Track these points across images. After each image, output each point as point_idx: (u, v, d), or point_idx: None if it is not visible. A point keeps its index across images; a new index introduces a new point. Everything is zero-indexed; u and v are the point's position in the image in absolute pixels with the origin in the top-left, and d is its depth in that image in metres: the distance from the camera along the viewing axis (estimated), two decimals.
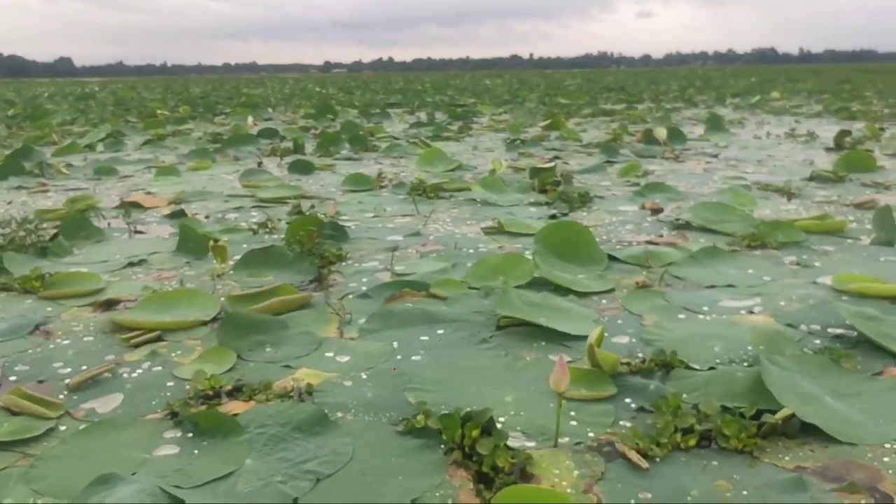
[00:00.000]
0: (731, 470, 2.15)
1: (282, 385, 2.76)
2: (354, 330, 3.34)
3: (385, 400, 2.63)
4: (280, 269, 4.28)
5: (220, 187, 7.43)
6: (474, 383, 2.75)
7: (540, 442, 2.33)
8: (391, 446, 2.31)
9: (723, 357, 2.93)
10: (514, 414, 2.52)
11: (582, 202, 6.12)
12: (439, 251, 4.69)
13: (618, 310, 3.56)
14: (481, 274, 4.05)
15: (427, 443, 2.32)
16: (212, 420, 2.40)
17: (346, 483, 2.11)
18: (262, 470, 2.18)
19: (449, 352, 3.06)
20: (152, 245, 5.02)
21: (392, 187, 7.15)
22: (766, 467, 2.17)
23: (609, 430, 2.41)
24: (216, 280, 4.12)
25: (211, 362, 2.97)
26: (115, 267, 4.48)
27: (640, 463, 2.17)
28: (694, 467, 2.17)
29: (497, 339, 3.19)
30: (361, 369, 2.91)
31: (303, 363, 2.98)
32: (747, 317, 3.40)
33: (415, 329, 3.32)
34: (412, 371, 2.87)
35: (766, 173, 7.73)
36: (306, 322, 3.43)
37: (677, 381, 2.71)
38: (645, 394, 2.63)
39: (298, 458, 2.23)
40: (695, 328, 3.26)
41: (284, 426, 2.39)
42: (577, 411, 2.52)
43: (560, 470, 2.17)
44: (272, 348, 3.15)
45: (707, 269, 4.17)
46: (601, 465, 2.19)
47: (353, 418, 2.50)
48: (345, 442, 2.32)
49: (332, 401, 2.63)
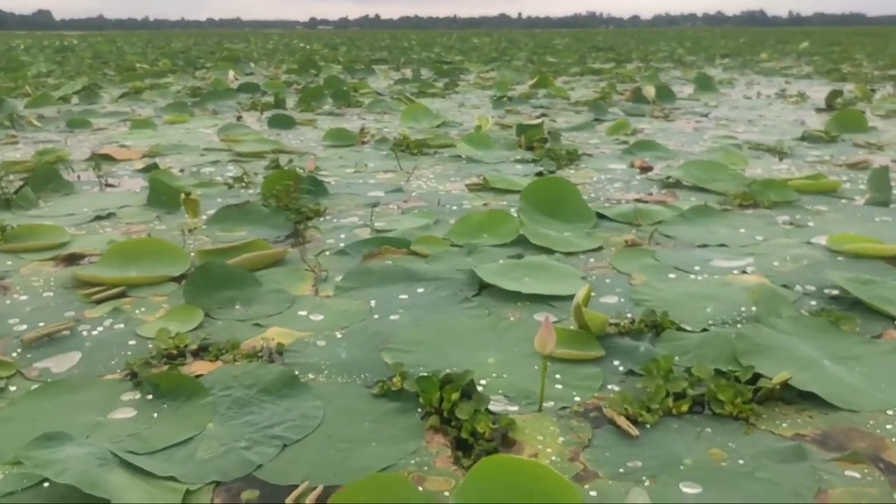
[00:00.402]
0: (726, 437, 2.02)
1: (251, 344, 2.61)
2: (330, 288, 3.18)
3: (360, 361, 2.48)
4: (255, 224, 4.09)
5: (196, 141, 7.19)
6: (455, 344, 2.60)
7: (523, 406, 2.20)
8: (365, 410, 2.16)
9: (716, 318, 2.80)
10: (496, 376, 2.37)
11: (570, 160, 5.95)
12: (422, 208, 4.52)
13: (606, 269, 3.42)
14: (464, 231, 3.89)
15: (403, 407, 2.17)
16: (173, 381, 2.24)
17: (315, 449, 1.97)
18: (225, 435, 2.03)
19: (429, 311, 2.91)
20: (122, 198, 4.82)
21: (374, 143, 6.94)
22: (763, 435, 2.04)
23: (596, 394, 2.27)
24: (187, 235, 3.93)
25: (177, 320, 2.81)
26: (82, 220, 4.28)
27: (630, 430, 2.04)
28: (687, 434, 2.04)
29: (480, 299, 3.05)
30: (336, 328, 2.75)
31: (274, 322, 2.82)
32: (740, 277, 3.27)
33: (394, 287, 3.16)
34: (390, 331, 2.72)
35: (756, 133, 7.58)
36: (280, 279, 3.26)
37: (668, 343, 2.57)
38: (634, 356, 2.49)
39: (265, 423, 2.08)
40: (686, 288, 3.12)
41: (251, 388, 2.24)
42: (563, 374, 2.38)
43: (544, 436, 2.03)
44: (242, 306, 2.98)
45: (698, 227, 4.03)
46: (588, 432, 2.06)
47: (325, 380, 2.35)
48: (315, 405, 2.17)
49: (303, 361, 2.48)
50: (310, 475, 1.85)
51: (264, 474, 1.87)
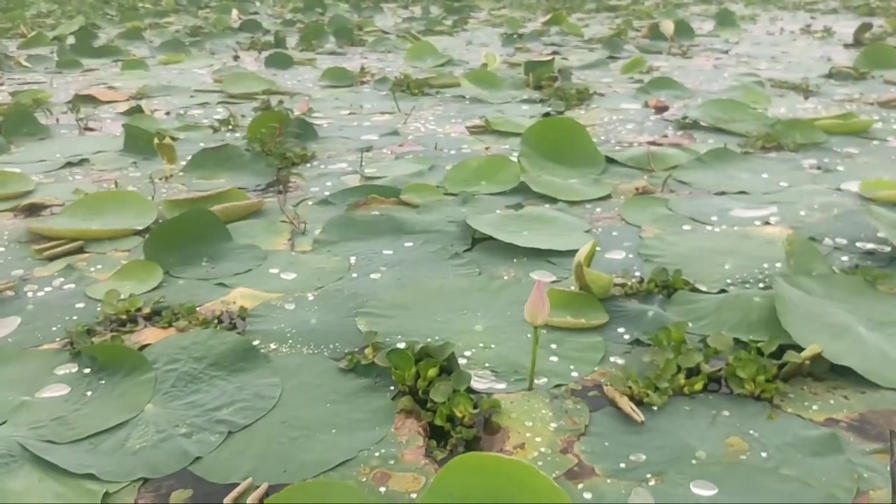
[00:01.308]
0: (747, 423, 1.73)
1: (210, 308, 2.33)
2: (308, 242, 2.88)
3: (331, 327, 2.20)
4: (235, 171, 3.79)
5: (188, 82, 6.84)
6: (440, 308, 2.31)
7: (512, 383, 1.91)
8: (329, 388, 1.89)
9: (735, 277, 2.48)
10: (483, 347, 2.08)
11: (580, 99, 5.56)
12: (417, 152, 4.19)
13: (613, 220, 3.09)
14: (460, 178, 3.57)
15: (373, 384, 1.89)
16: (112, 353, 1.97)
17: (265, 437, 1.69)
18: (164, 419, 1.76)
19: (414, 269, 2.61)
20: (100, 143, 4.51)
21: (374, 83, 6.56)
22: (790, 420, 1.75)
23: (597, 368, 1.98)
24: (159, 184, 3.64)
25: (133, 279, 2.53)
26: (52, 167, 3.99)
27: (634, 414, 1.75)
28: (700, 419, 1.75)
29: (471, 254, 2.74)
30: (309, 289, 2.47)
31: (241, 281, 2.54)
32: (763, 228, 2.94)
33: (378, 241, 2.86)
34: (368, 292, 2.43)
35: (780, 70, 7.11)
36: (254, 232, 2.97)
37: (681, 307, 2.27)
38: (642, 322, 2.19)
39: (211, 404, 1.81)
40: (702, 242, 2.80)
41: (200, 361, 1.96)
42: (560, 344, 2.09)
43: (534, 421, 1.75)
44: (209, 262, 2.70)
45: (716, 173, 3.68)
46: (585, 416, 1.77)
47: (288, 351, 2.07)
48: (272, 383, 1.89)
49: (266, 328, 2.19)
50: (254, 471, 1.58)
51: (202, 469, 1.60)
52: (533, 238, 2.80)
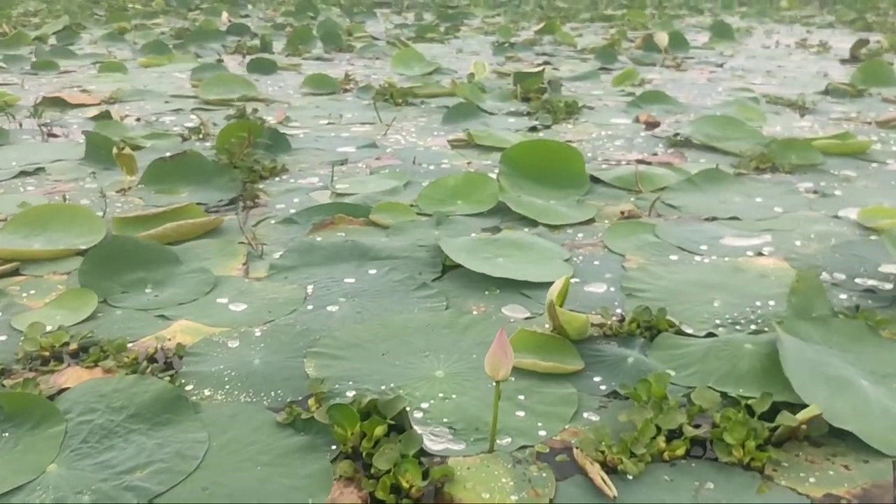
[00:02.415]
0: (735, 497, 1.52)
1: (144, 345, 2.11)
2: (264, 267, 2.66)
3: (275, 370, 1.98)
4: (198, 184, 3.56)
5: (165, 86, 6.61)
6: (400, 348, 2.09)
7: (472, 444, 1.69)
8: (263, 446, 1.66)
9: (724, 317, 2.27)
10: (443, 398, 1.86)
11: (568, 112, 5.36)
12: (394, 167, 3.98)
13: (596, 247, 2.88)
14: (436, 197, 3.36)
15: (312, 443, 1.67)
16: (19, 401, 1.75)
17: None
18: (67, 482, 1.54)
19: (376, 301, 2.40)
20: (61, 151, 4.28)
21: (357, 91, 6.35)
22: (784, 494, 1.53)
23: (568, 425, 1.77)
24: (115, 197, 3.41)
25: (66, 308, 2.31)
26: (5, 176, 3.76)
27: (605, 488, 1.53)
28: (682, 492, 1.54)
29: (440, 284, 2.53)
30: (257, 323, 2.25)
31: (185, 312, 2.32)
32: (755, 260, 2.73)
33: (340, 268, 2.64)
34: (323, 327, 2.21)
35: (776, 85, 6.94)
36: (207, 254, 2.75)
37: (664, 353, 2.06)
38: (620, 370, 1.98)
39: (125, 465, 1.58)
40: (690, 274, 2.59)
41: (119, 412, 1.74)
42: (528, 395, 1.87)
43: (492, 493, 1.53)
44: (153, 289, 2.47)
45: (707, 196, 3.48)
46: (551, 486, 1.55)
47: (223, 399, 1.85)
48: (197, 439, 1.67)
49: (203, 370, 1.97)
50: None
51: None
52: (507, 267, 2.58)
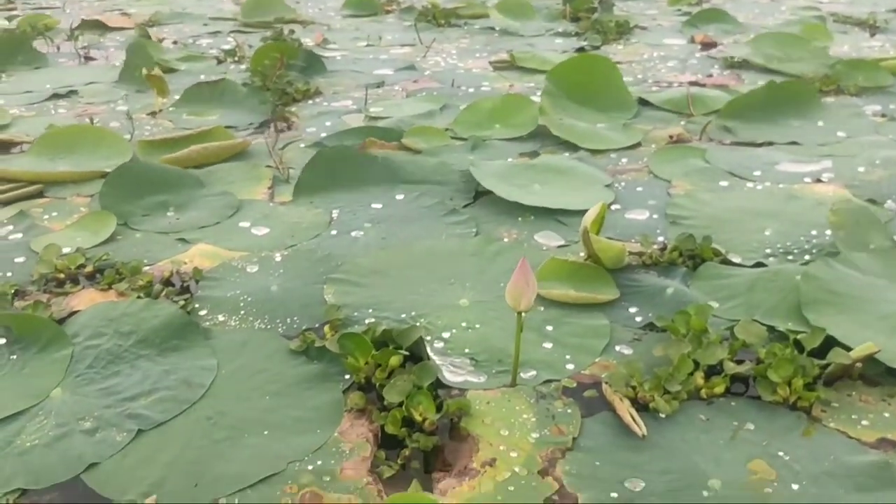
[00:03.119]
0: (777, 441, 1.39)
1: (161, 268, 2.03)
2: (289, 191, 2.56)
3: (293, 296, 1.89)
4: (229, 107, 3.46)
5: (205, 9, 6.50)
6: (424, 275, 1.98)
7: (494, 376, 1.58)
8: (273, 375, 1.58)
9: (776, 246, 2.10)
10: (466, 327, 1.76)
11: (619, 33, 5.09)
12: (431, 90, 3.81)
13: (640, 172, 2.71)
14: (472, 120, 3.20)
15: (325, 372, 1.58)
16: (28, 324, 1.69)
17: (181, 439, 1.40)
18: (69, 409, 1.48)
19: (403, 227, 2.28)
20: (96, 73, 4.21)
21: (399, 12, 6.14)
22: (832, 438, 1.40)
23: (599, 358, 1.64)
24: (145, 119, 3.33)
25: (87, 230, 2.25)
26: (37, 99, 3.71)
27: (634, 426, 1.41)
28: (718, 433, 1.41)
29: (472, 210, 2.40)
30: (279, 247, 2.15)
31: (205, 235, 2.24)
32: (813, 187, 2.54)
33: (368, 192, 2.53)
34: (345, 253, 2.11)
35: (845, 3, 6.50)
36: (231, 178, 2.66)
37: (707, 283, 1.91)
38: (659, 301, 1.84)
39: (129, 391, 1.52)
40: (741, 201, 2.42)
41: (127, 337, 1.67)
42: (557, 326, 1.75)
43: (511, 430, 1.42)
44: (175, 212, 2.40)
45: (764, 120, 3.25)
46: (576, 423, 1.44)
47: (237, 324, 1.77)
48: (206, 366, 1.60)
49: (219, 294, 1.89)
50: (160, 483, 1.30)
51: (97, 478, 1.31)
52: (543, 194, 2.44)
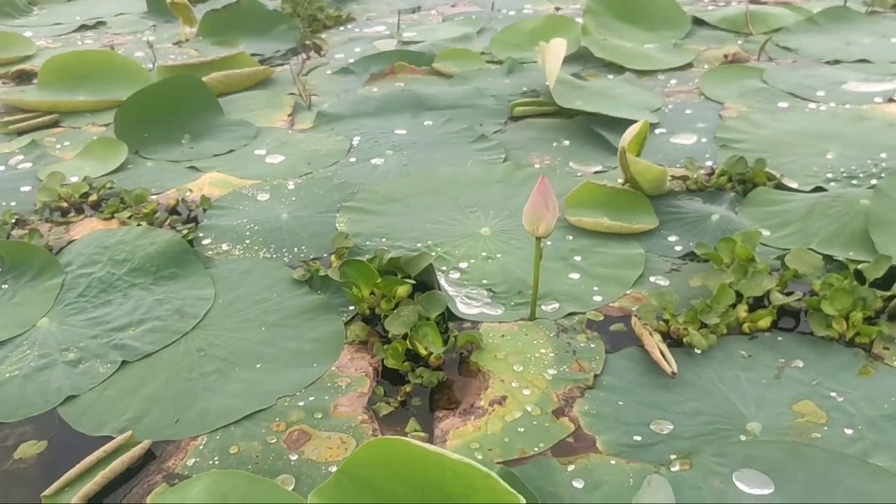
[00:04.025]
0: (829, 380, 1.22)
1: (169, 197, 1.92)
2: (310, 118, 2.42)
3: (303, 225, 1.76)
4: (256, 34, 3.32)
5: None
6: (443, 203, 1.83)
7: (512, 308, 1.44)
8: (271, 305, 1.46)
9: (839, 170, 1.89)
10: (486, 257, 1.61)
11: None
12: (470, 13, 3.60)
13: (690, 94, 2.49)
14: (511, 42, 3.00)
15: (328, 303, 1.46)
16: (20, 252, 1.61)
17: (166, 372, 1.29)
18: (55, 338, 1.39)
19: (427, 153, 2.12)
20: (125, 4, 4.11)
21: None
22: (892, 377, 1.22)
23: (630, 290, 1.48)
24: (170, 49, 3.22)
25: (96, 159, 2.15)
26: (66, 30, 3.62)
27: (664, 363, 1.26)
28: (761, 371, 1.25)
29: (502, 136, 2.22)
30: (293, 175, 2.02)
31: (218, 164, 2.12)
32: (885, 107, 2.29)
33: (393, 118, 2.37)
34: (363, 180, 1.97)
35: None
36: (252, 105, 2.53)
37: (759, 210, 1.71)
38: (702, 229, 1.66)
39: (119, 321, 1.42)
40: (801, 123, 2.19)
41: (122, 265, 1.57)
42: (586, 256, 1.59)
43: (526, 365, 1.28)
44: (190, 140, 2.28)
45: (831, 37, 2.97)
46: (599, 359, 1.29)
47: (240, 254, 1.66)
48: (202, 296, 1.49)
49: (225, 223, 1.78)
50: (139, 418, 1.20)
51: (73, 412, 1.22)
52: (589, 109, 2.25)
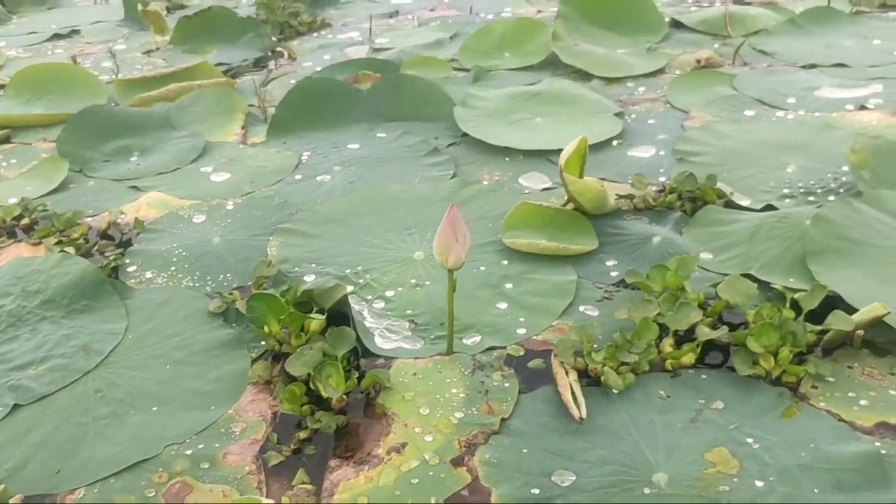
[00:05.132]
0: (749, 423, 1.15)
1: (102, 219, 1.88)
2: (264, 131, 2.37)
3: (234, 249, 1.71)
4: (227, 42, 3.27)
5: None
6: (382, 224, 1.77)
7: (431, 342, 1.38)
8: (181, 340, 1.41)
9: (797, 185, 1.81)
10: (414, 284, 1.55)
11: None
12: (447, 18, 3.53)
13: (656, 102, 2.41)
14: (480, 49, 2.93)
15: (240, 337, 1.41)
16: None
17: (59, 416, 1.25)
18: None
19: (375, 169, 2.06)
20: (104, 13, 4.08)
21: None
22: (818, 420, 1.15)
23: (557, 321, 1.42)
24: (139, 58, 3.18)
25: (40, 178, 2.11)
26: (39, 40, 3.59)
27: (573, 407, 1.19)
28: (678, 413, 1.18)
29: (456, 150, 2.16)
30: (235, 194, 1.97)
31: (161, 182, 2.07)
32: (854, 115, 2.20)
33: (347, 131, 2.31)
34: (305, 199, 1.91)
35: None
36: (206, 117, 2.47)
37: (704, 230, 1.64)
38: (642, 252, 1.59)
39: (21, 359, 1.37)
40: (765, 133, 2.10)
41: (33, 297, 1.52)
42: (518, 283, 1.52)
43: (433, 407, 1.22)
44: (139, 157, 2.24)
45: (811, 39, 2.87)
46: (510, 401, 1.23)
47: (162, 282, 1.61)
48: (113, 330, 1.44)
49: (154, 248, 1.73)
50: (19, 469, 1.15)
51: None
52: (542, 128, 2.18)
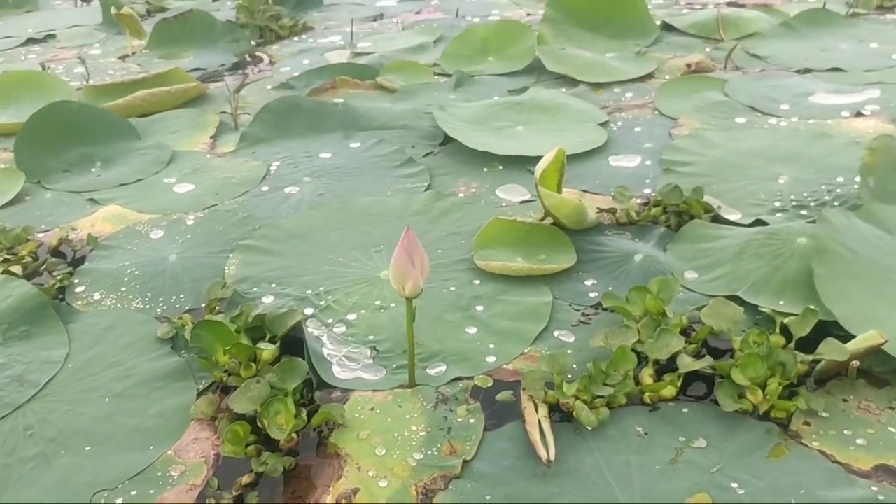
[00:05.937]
0: (733, 462, 1.05)
1: (54, 236, 1.77)
2: (234, 140, 2.27)
3: (190, 268, 1.61)
4: (204, 46, 3.17)
5: None
6: (350, 240, 1.67)
7: (392, 372, 1.28)
8: (123, 370, 1.31)
9: (789, 198, 1.71)
10: (379, 306, 1.44)
11: None
12: (432, 21, 3.44)
13: (644, 109, 2.31)
14: (463, 53, 2.83)
15: (187, 367, 1.30)
16: None
17: None
18: None
19: (346, 181, 1.96)
20: (82, 17, 3.98)
21: None
22: (810, 462, 1.05)
23: (529, 348, 1.31)
24: (113, 63, 3.08)
25: None
26: (13, 45, 3.49)
27: (541, 448, 1.09)
28: (656, 453, 1.08)
29: (432, 159, 2.06)
30: (197, 208, 1.87)
31: (121, 195, 1.97)
32: (850, 122, 2.10)
33: (321, 140, 2.21)
34: (269, 213, 1.81)
35: None
36: (175, 126, 2.38)
37: (689, 247, 1.54)
38: (623, 270, 1.49)
39: None
40: (756, 141, 2.01)
41: None
42: (489, 306, 1.42)
43: (390, 448, 1.12)
44: (101, 168, 2.14)
45: (806, 43, 2.78)
46: (474, 439, 1.13)
47: (111, 305, 1.50)
48: (52, 358, 1.34)
49: (106, 267, 1.63)
50: None
51: None
52: (524, 137, 2.09)
